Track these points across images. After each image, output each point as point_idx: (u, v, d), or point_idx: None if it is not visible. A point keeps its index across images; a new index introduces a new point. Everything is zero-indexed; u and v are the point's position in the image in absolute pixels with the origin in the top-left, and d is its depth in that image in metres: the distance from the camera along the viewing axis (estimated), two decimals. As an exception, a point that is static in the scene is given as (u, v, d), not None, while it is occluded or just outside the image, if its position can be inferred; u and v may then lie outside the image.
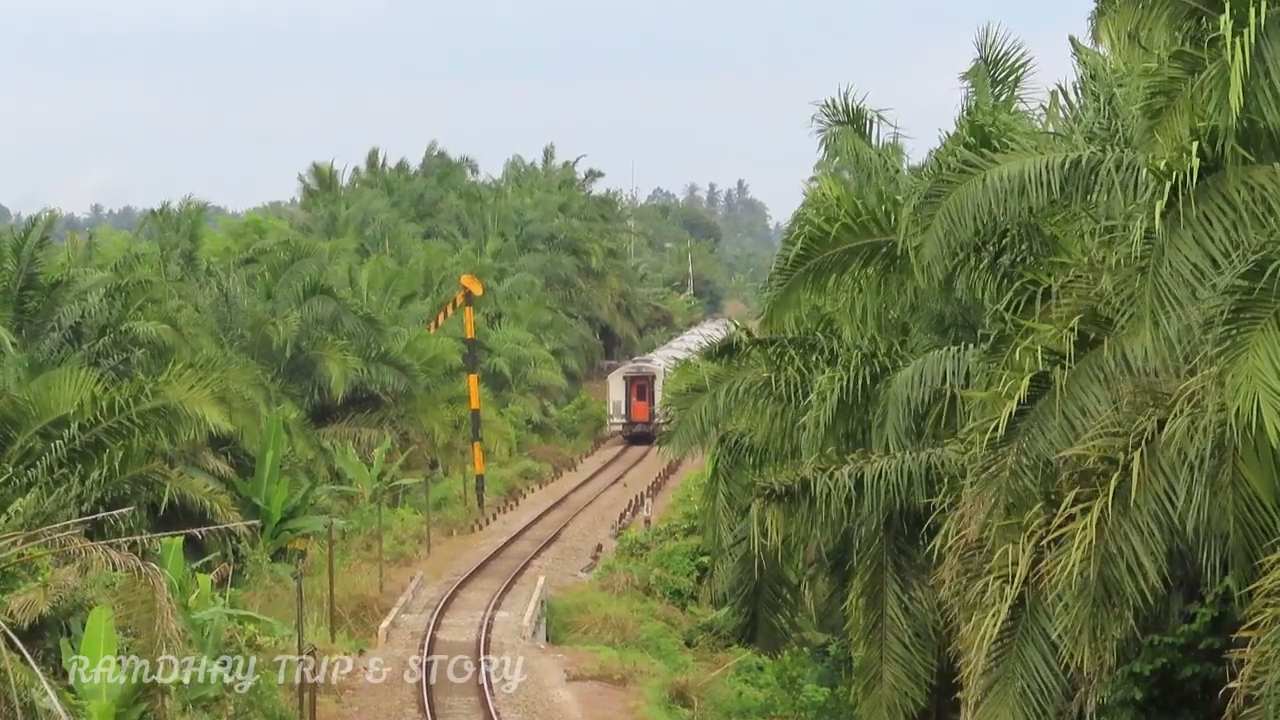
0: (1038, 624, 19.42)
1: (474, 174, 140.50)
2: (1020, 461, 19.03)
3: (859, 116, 30.59)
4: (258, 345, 64.66)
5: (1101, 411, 18.69)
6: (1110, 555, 17.92)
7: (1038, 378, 19.01)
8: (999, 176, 20.94)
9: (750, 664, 44.39)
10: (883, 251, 26.52)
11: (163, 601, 29.70)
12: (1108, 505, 17.79)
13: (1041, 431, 18.97)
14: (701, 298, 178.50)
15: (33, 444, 40.64)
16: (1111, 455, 18.04)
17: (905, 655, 26.43)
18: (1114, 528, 17.89)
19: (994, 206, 21.08)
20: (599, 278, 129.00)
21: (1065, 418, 18.80)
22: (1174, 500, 17.78)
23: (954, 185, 21.56)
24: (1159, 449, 17.81)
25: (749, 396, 30.03)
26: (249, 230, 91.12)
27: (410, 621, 50.47)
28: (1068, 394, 18.81)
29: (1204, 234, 16.99)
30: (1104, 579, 17.99)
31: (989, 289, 25.03)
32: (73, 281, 49.96)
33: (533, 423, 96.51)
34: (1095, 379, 18.84)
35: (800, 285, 27.21)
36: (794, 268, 27.03)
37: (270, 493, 52.63)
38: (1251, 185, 17.15)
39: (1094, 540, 17.74)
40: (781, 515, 26.31)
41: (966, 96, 29.96)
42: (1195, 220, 16.98)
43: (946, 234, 21.61)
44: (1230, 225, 17.02)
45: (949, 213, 21.41)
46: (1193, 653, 19.47)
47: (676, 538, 60.26)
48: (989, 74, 29.98)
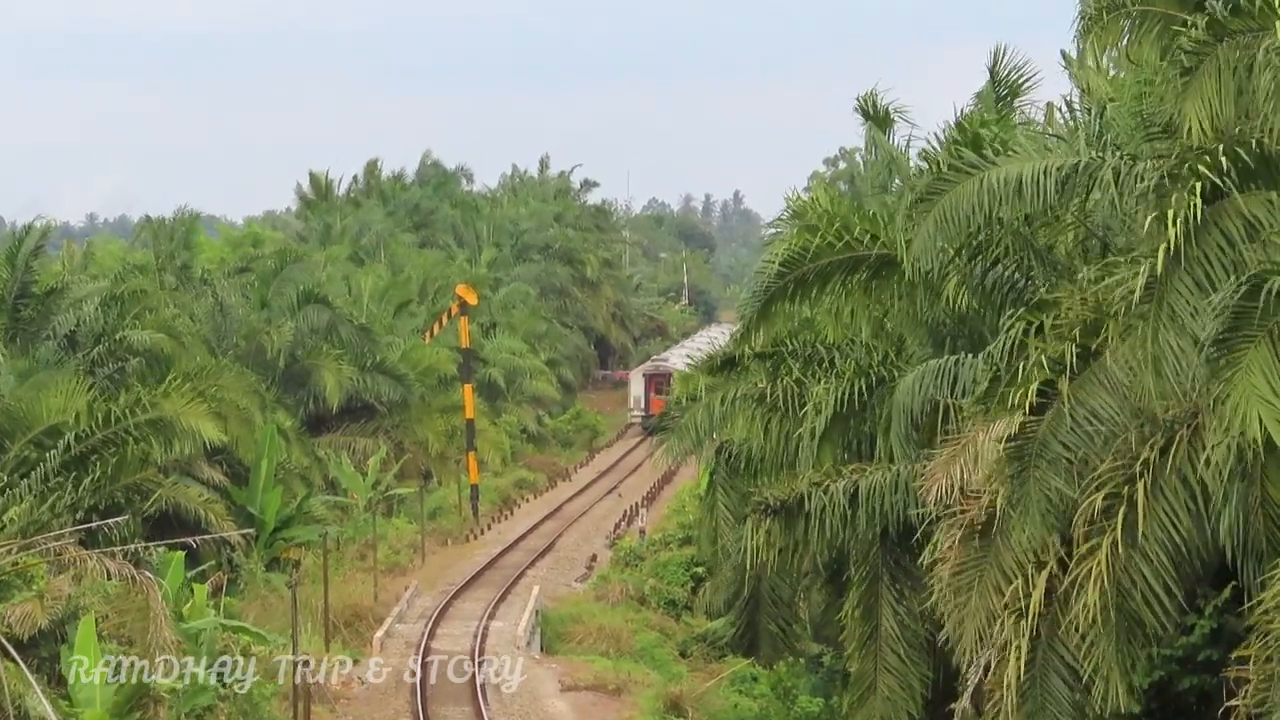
0: (1055, 653, 19.43)
1: (469, 183, 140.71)
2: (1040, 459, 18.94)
3: (886, 117, 30.61)
4: (252, 354, 64.61)
5: (1111, 421, 18.70)
6: (1125, 590, 17.97)
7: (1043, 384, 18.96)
8: (997, 178, 20.95)
9: (745, 674, 44.37)
10: (873, 261, 26.50)
11: (157, 609, 29.71)
12: (1118, 540, 17.83)
13: (1054, 434, 18.93)
14: (696, 308, 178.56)
15: (27, 452, 40.61)
16: (1115, 490, 18.07)
17: (900, 667, 26.42)
18: (1125, 561, 17.92)
19: (990, 208, 21.08)
20: (594, 287, 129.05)
21: (1074, 420, 18.79)
22: (1179, 527, 17.85)
23: (951, 184, 21.56)
24: (1161, 477, 17.86)
25: (745, 404, 29.99)
26: (246, 240, 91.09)
27: (405, 631, 50.41)
28: (1075, 400, 18.80)
29: (1204, 276, 17.06)
30: (1123, 612, 18.04)
31: (982, 301, 25.05)
32: (67, 289, 49.95)
33: (527, 433, 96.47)
34: (1102, 386, 18.84)
35: (781, 297, 27.16)
36: (777, 280, 26.97)
37: (265, 502, 52.59)
38: (1246, 217, 17.23)
39: (1108, 579, 17.78)
40: (778, 529, 26.30)
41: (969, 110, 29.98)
42: (1195, 261, 17.02)
43: (938, 230, 21.62)
44: (1229, 265, 17.10)
45: (944, 211, 21.41)
46: (1190, 665, 19.46)
47: (671, 548, 60.21)
48: (995, 91, 30.04)
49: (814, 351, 29.79)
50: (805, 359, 29.63)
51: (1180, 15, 20.39)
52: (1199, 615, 19.25)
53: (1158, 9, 20.81)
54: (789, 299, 27.32)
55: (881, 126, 29.89)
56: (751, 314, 27.80)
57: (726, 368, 30.86)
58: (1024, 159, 21.29)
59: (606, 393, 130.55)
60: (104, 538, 34.36)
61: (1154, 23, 20.78)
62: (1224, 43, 18.55)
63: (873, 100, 29.80)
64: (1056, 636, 19.28)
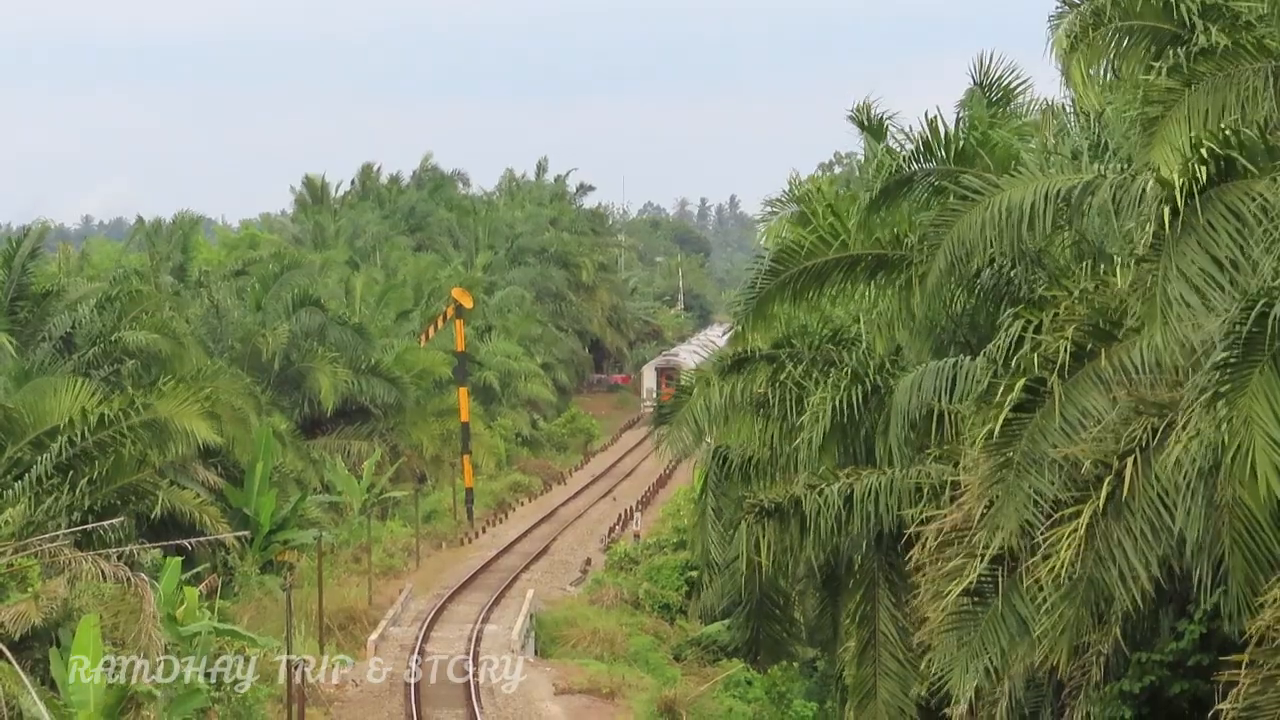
0: (1010, 605, 19.36)
1: (465, 187, 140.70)
2: (1020, 461, 18.92)
3: (880, 126, 30.56)
4: (248, 357, 64.66)
5: (1100, 417, 18.66)
6: (1101, 559, 17.89)
7: (1033, 384, 18.94)
8: (1001, 206, 20.86)
9: (739, 678, 44.43)
10: (870, 261, 26.45)
11: (150, 612, 29.77)
12: (1100, 508, 17.76)
13: (1042, 434, 18.91)
14: (691, 312, 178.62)
15: (22, 454, 40.60)
16: (1105, 460, 18.01)
17: (900, 671, 26.38)
18: (1106, 531, 17.85)
19: (996, 239, 20.97)
20: (589, 291, 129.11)
21: (1064, 420, 18.77)
22: (1170, 508, 17.73)
23: (958, 215, 21.49)
24: (1154, 456, 17.80)
25: (744, 408, 29.92)
26: (242, 243, 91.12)
27: (399, 634, 50.46)
28: (1067, 400, 18.80)
29: (1210, 240, 17.03)
30: (1093, 582, 17.95)
31: (975, 304, 25.07)
32: (64, 291, 49.99)
33: (522, 436, 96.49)
34: (1094, 386, 18.82)
35: (776, 297, 26.96)
36: (770, 277, 26.76)
37: (260, 504, 52.63)
38: (1253, 195, 17.20)
39: (1084, 542, 17.70)
40: (773, 532, 26.32)
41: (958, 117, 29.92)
42: (1201, 227, 17.01)
43: (949, 268, 21.61)
44: (1234, 231, 17.05)
45: (953, 244, 21.35)
46: (1181, 670, 19.48)
47: (666, 552, 60.28)
48: (985, 97, 30.00)
49: (817, 352, 29.61)
50: (810, 361, 29.45)
51: (1168, 29, 20.51)
52: (1189, 620, 19.29)
53: (1146, 23, 20.91)
54: (787, 299, 27.06)
55: (876, 136, 29.87)
56: (746, 312, 27.57)
57: (736, 369, 30.60)
58: (1026, 181, 21.16)
59: (602, 396, 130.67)
60: (99, 540, 34.39)
61: (1141, 37, 20.88)
62: (1191, 88, 18.61)
63: (867, 111, 29.78)
64: (1015, 590, 19.19)
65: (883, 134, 28.87)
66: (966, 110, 28.71)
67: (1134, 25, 20.95)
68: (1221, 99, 18.71)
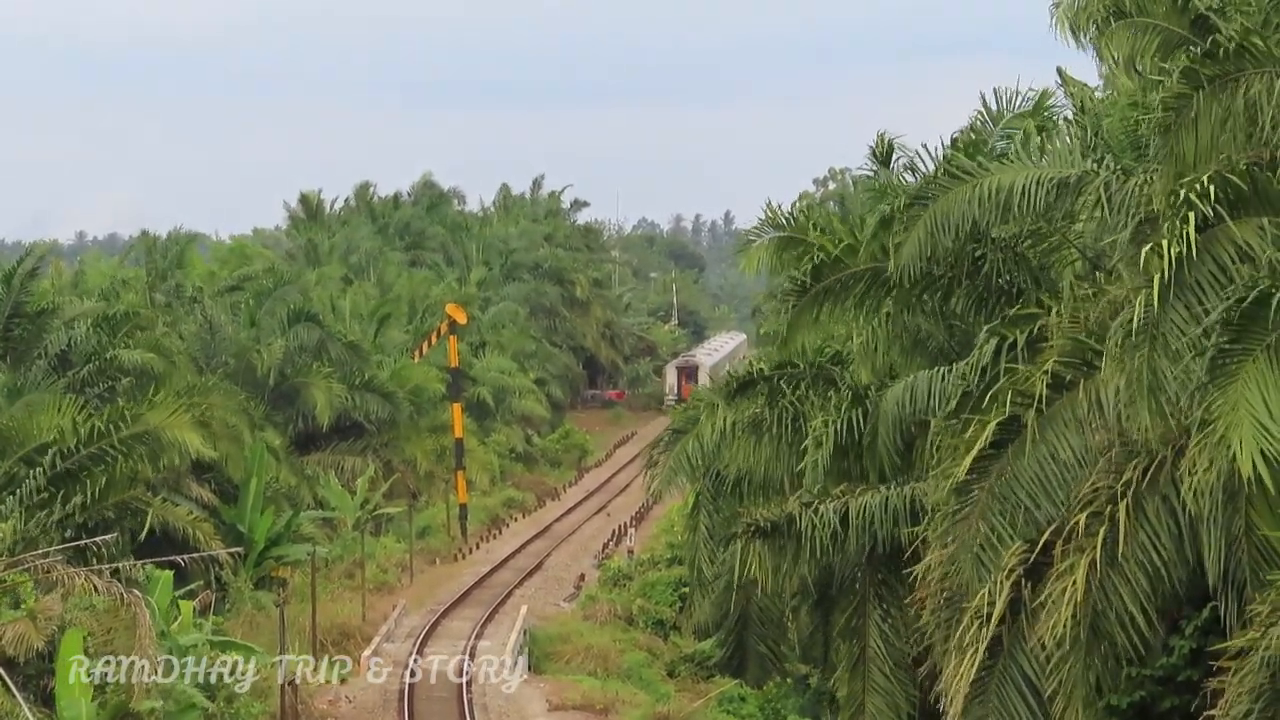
0: (1016, 664, 19.41)
1: (461, 204, 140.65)
2: (991, 504, 18.95)
3: (889, 152, 30.51)
4: (242, 372, 64.67)
5: (1075, 457, 18.64)
6: (1100, 610, 17.96)
7: (1008, 421, 18.88)
8: (989, 187, 20.92)
9: (732, 695, 44.38)
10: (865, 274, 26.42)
11: (144, 627, 29.76)
12: (1096, 560, 17.81)
13: (1015, 475, 18.92)
14: (685, 328, 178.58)
15: (15, 470, 40.65)
16: (1097, 510, 18.04)
17: (887, 686, 26.43)
18: (1102, 580, 17.91)
19: (980, 216, 21.02)
20: (583, 307, 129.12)
21: (1038, 462, 18.75)
22: (1159, 549, 17.83)
23: (944, 190, 21.54)
24: (1144, 499, 17.85)
25: (742, 432, 29.86)
26: (234, 257, 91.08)
27: (392, 650, 50.43)
28: (1040, 438, 18.76)
29: (1195, 302, 17.08)
30: (1096, 631, 18.02)
31: (974, 310, 25.06)
32: (58, 309, 50.06)
33: (516, 452, 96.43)
34: (1069, 425, 18.78)
35: (811, 307, 26.69)
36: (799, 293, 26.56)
37: (253, 520, 52.61)
38: (1239, 244, 17.27)
39: (1082, 598, 17.74)
40: (767, 549, 26.30)
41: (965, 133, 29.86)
42: (1190, 287, 17.05)
43: (929, 238, 21.57)
44: (1222, 293, 17.15)
45: (935, 217, 21.38)
46: (1171, 685, 19.49)
47: (659, 568, 60.26)
48: (1000, 111, 29.89)
49: (818, 371, 29.53)
50: (810, 380, 29.36)
51: (1179, 31, 20.54)
52: (1180, 636, 19.31)
53: (1159, 22, 20.97)
54: (819, 311, 26.82)
55: (885, 163, 29.81)
56: (784, 326, 27.35)
57: (743, 390, 30.47)
58: (1017, 168, 21.26)
59: (596, 412, 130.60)
60: (93, 555, 34.41)
61: (1158, 33, 20.92)
62: (1201, 93, 18.64)
63: (886, 145, 29.62)
64: (1020, 648, 19.25)
65: (890, 157, 28.82)
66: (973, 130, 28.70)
67: (1150, 23, 21.01)
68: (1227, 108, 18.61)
